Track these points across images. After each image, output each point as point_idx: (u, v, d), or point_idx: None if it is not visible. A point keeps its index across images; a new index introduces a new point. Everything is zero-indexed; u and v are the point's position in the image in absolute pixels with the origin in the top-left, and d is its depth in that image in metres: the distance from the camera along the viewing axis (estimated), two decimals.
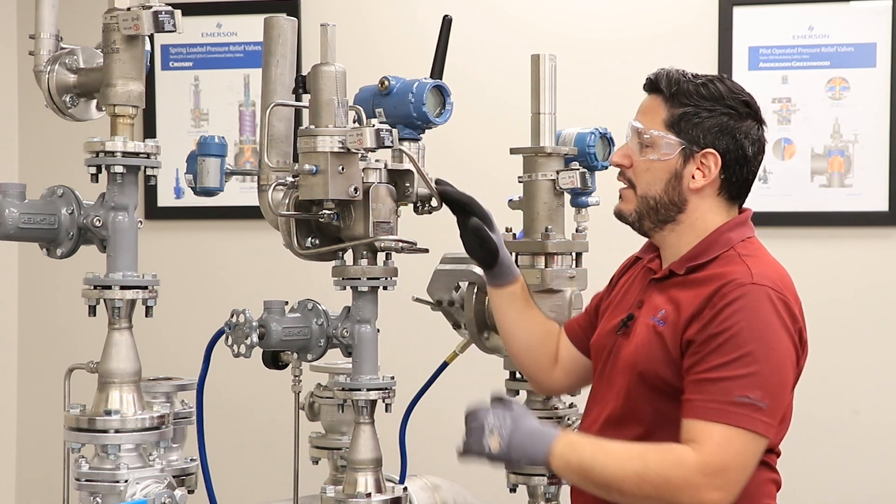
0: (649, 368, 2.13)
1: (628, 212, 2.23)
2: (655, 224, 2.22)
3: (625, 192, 2.24)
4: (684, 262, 2.19)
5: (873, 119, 3.83)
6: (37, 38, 2.18)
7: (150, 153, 2.11)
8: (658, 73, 2.23)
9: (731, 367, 2.03)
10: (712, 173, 2.17)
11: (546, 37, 3.88)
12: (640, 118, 2.21)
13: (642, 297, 2.24)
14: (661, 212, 2.20)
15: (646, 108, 2.22)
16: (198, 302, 4.14)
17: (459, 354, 2.62)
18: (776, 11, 3.89)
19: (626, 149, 2.23)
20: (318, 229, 2.23)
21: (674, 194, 2.19)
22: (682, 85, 2.19)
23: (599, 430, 2.20)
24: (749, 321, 2.05)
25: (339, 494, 2.17)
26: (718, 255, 2.16)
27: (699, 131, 2.17)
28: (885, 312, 3.88)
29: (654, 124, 2.19)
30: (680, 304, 2.13)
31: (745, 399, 2.01)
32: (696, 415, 2.03)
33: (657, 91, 2.21)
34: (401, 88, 2.25)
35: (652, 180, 2.19)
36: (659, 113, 2.19)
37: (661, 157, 2.18)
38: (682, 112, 2.17)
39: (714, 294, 2.08)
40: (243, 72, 4.20)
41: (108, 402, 2.07)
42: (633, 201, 2.22)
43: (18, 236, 2.10)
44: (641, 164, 2.20)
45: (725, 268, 2.13)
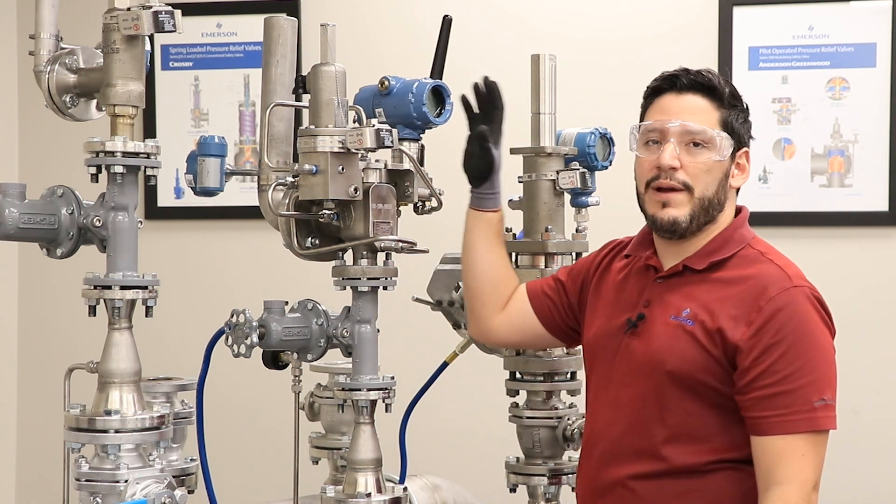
0: (681, 368, 2.12)
1: (683, 217, 2.16)
2: (700, 226, 2.18)
3: (675, 196, 2.16)
4: (703, 259, 2.18)
5: (873, 119, 3.82)
6: (37, 38, 2.18)
7: (150, 153, 2.11)
8: (705, 74, 2.22)
9: (801, 374, 2.07)
10: (747, 171, 2.22)
11: (546, 37, 3.88)
12: (693, 118, 2.17)
13: (649, 296, 2.21)
14: (710, 212, 2.18)
15: (696, 108, 2.18)
16: (198, 302, 4.14)
17: (459, 354, 2.62)
18: (776, 11, 3.89)
19: (670, 151, 2.16)
20: (318, 229, 2.23)
21: (722, 194, 2.19)
22: (727, 86, 2.21)
23: (621, 433, 2.18)
24: (802, 325, 2.09)
25: (339, 494, 2.17)
26: (736, 253, 2.18)
27: (743, 131, 2.21)
28: (886, 312, 3.88)
29: (710, 124, 2.17)
30: (710, 304, 2.13)
31: (822, 402, 2.07)
32: (778, 430, 2.07)
33: (700, 91, 2.19)
34: (401, 88, 2.25)
35: (711, 181, 2.17)
36: (711, 113, 2.18)
37: (722, 158, 2.17)
38: (732, 114, 2.19)
39: (758, 298, 2.10)
40: (243, 72, 4.20)
41: (108, 402, 2.07)
42: (687, 205, 2.16)
43: (18, 236, 2.10)
44: (701, 165, 2.16)
45: (754, 268, 2.15)
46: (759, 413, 2.08)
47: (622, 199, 3.10)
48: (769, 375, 2.07)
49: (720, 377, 2.11)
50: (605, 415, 2.23)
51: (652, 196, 2.18)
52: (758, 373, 2.07)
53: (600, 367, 2.26)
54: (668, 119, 2.16)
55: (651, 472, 2.15)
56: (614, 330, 2.24)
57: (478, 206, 2.35)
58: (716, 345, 2.10)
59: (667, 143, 2.16)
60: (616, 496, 2.19)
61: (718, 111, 2.19)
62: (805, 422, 2.06)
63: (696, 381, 2.12)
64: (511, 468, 2.62)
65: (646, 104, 2.25)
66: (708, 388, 2.12)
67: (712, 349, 2.11)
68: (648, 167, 2.18)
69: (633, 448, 2.17)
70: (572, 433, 2.57)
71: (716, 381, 2.11)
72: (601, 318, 2.28)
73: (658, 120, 2.18)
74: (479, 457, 3.48)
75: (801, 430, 2.06)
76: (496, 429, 2.94)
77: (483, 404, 3.55)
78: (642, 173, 2.20)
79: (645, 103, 2.26)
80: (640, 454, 2.16)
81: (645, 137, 2.20)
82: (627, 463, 2.17)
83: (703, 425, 2.12)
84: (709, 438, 2.13)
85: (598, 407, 2.26)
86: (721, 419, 2.13)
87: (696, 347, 2.11)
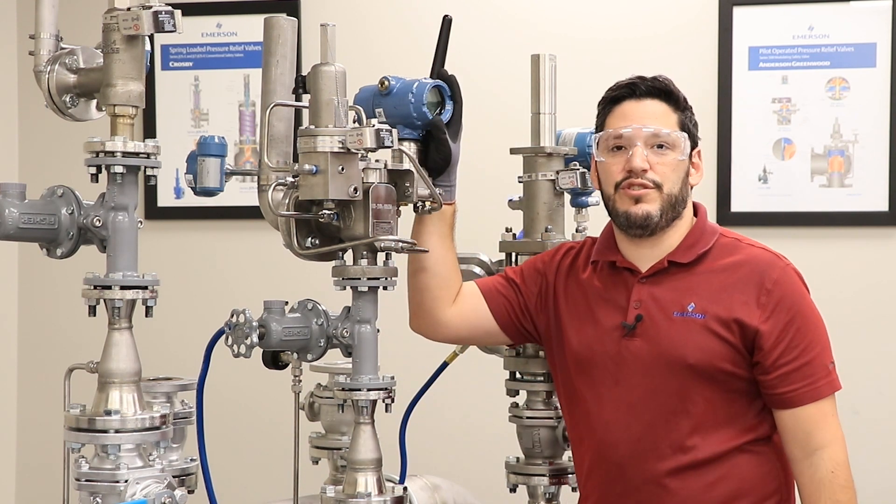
0: (703, 360, 2.24)
1: (656, 212, 2.28)
2: (668, 222, 2.30)
3: (648, 192, 2.28)
4: (686, 252, 2.30)
5: (873, 119, 3.83)
6: (37, 38, 2.17)
7: (150, 153, 2.11)
8: (661, 79, 2.34)
9: (815, 344, 2.26)
10: (701, 169, 2.36)
11: (546, 37, 3.89)
12: (655, 122, 2.30)
13: (637, 296, 2.29)
14: (676, 208, 2.31)
15: (655, 113, 2.31)
16: (198, 302, 4.14)
17: (459, 354, 2.62)
18: (776, 11, 3.89)
19: (640, 154, 2.28)
20: (318, 229, 2.23)
21: (685, 191, 2.32)
22: (678, 90, 2.34)
23: (641, 433, 2.25)
24: (802, 298, 2.29)
25: (339, 494, 2.17)
26: (714, 243, 2.31)
27: (695, 131, 2.35)
28: (886, 312, 3.88)
29: (670, 127, 2.31)
30: (715, 295, 2.26)
31: (832, 364, 2.28)
32: (809, 399, 2.25)
33: (658, 96, 2.32)
34: (401, 88, 2.25)
35: (676, 179, 2.30)
36: (670, 116, 2.32)
37: (683, 157, 2.30)
38: (686, 116, 2.35)
39: (762, 280, 2.26)
40: (243, 72, 4.20)
41: (108, 402, 2.07)
42: (657, 201, 2.28)
43: (18, 236, 2.09)
44: (669, 164, 2.29)
45: (741, 254, 2.30)
46: (788, 387, 2.25)
47: None
48: (791, 350, 2.24)
49: (738, 363, 2.25)
50: (617, 418, 2.28)
51: (623, 195, 2.30)
52: (781, 350, 2.24)
53: (596, 373, 2.31)
54: (637, 124, 2.29)
55: (680, 465, 2.25)
56: (606, 334, 2.30)
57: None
58: (733, 333, 2.24)
59: (635, 147, 2.28)
60: (645, 495, 2.26)
61: (676, 114, 2.33)
62: (827, 386, 2.26)
63: (717, 369, 2.24)
64: (511, 468, 2.62)
65: (604, 112, 2.36)
66: (727, 375, 2.25)
67: (730, 337, 2.24)
68: (617, 170, 2.31)
69: (657, 446, 2.25)
70: None
71: (734, 366, 2.25)
72: (586, 324, 2.33)
73: (627, 126, 2.29)
74: (479, 457, 3.48)
75: (826, 394, 2.26)
76: (496, 429, 2.94)
77: (483, 404, 3.55)
78: (610, 177, 2.32)
79: (603, 112, 2.37)
80: (666, 450, 2.25)
81: (610, 143, 2.32)
82: (654, 461, 2.25)
83: (724, 412, 2.26)
84: (730, 423, 2.26)
85: (603, 412, 2.30)
86: (738, 403, 2.27)
87: (712, 338, 2.24)
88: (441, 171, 2.31)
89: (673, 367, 2.24)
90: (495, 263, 2.62)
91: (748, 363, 2.26)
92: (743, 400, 2.28)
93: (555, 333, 2.39)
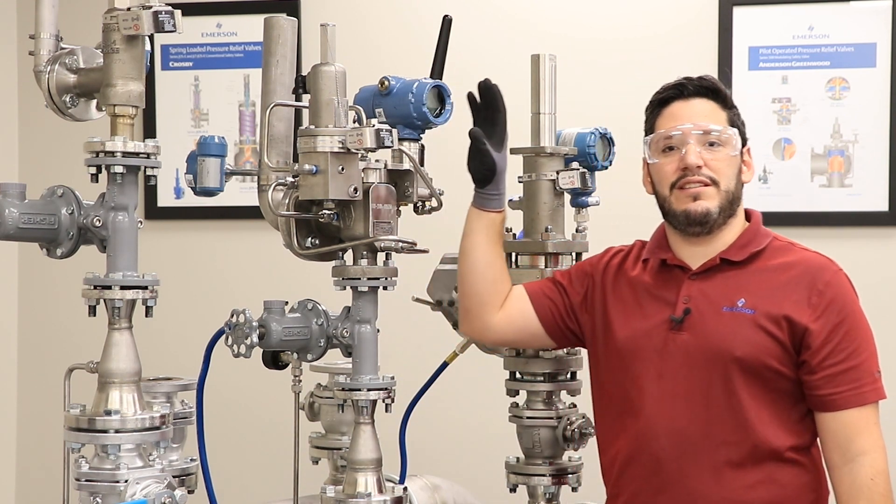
0: (750, 354, 2.24)
1: (715, 208, 2.29)
2: (726, 219, 2.32)
3: (705, 189, 2.29)
4: (740, 251, 2.31)
5: (873, 119, 3.82)
6: (37, 38, 2.18)
7: (150, 153, 2.11)
8: (707, 79, 2.35)
9: (863, 349, 2.26)
10: (752, 167, 2.39)
11: (546, 37, 3.88)
12: (706, 120, 2.30)
13: (687, 292, 2.30)
14: (733, 206, 2.33)
15: (705, 111, 2.32)
16: (198, 302, 4.14)
17: (459, 354, 2.62)
18: (776, 11, 3.88)
19: (694, 150, 2.28)
20: (318, 229, 2.23)
21: (738, 188, 2.34)
22: (724, 89, 2.36)
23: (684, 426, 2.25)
24: (853, 304, 2.29)
25: (339, 494, 2.17)
26: (768, 245, 2.33)
27: (743, 128, 2.37)
28: (886, 312, 3.88)
29: (721, 124, 2.32)
30: (767, 292, 2.26)
31: (878, 373, 2.27)
32: (853, 403, 2.23)
33: (706, 95, 2.33)
34: (401, 88, 2.25)
35: (731, 175, 2.31)
36: (719, 113, 2.34)
37: (735, 153, 2.31)
38: (735, 112, 2.35)
39: (815, 282, 2.26)
40: (243, 72, 4.20)
41: (108, 402, 2.07)
42: (716, 197, 2.30)
43: (18, 236, 2.10)
44: (723, 160, 2.30)
45: (793, 256, 2.32)
46: (834, 389, 2.23)
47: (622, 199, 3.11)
48: (839, 352, 2.24)
49: (784, 361, 2.24)
50: (660, 411, 2.28)
51: (680, 194, 2.30)
52: (828, 351, 2.23)
53: (641, 366, 2.31)
54: (687, 123, 2.30)
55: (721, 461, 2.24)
56: (654, 328, 2.30)
57: (480, 205, 2.36)
58: (782, 330, 2.24)
59: (688, 145, 2.29)
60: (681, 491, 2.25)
61: (724, 111, 2.34)
62: (873, 392, 2.25)
63: (763, 365, 2.24)
64: (511, 468, 2.62)
65: (653, 115, 2.36)
66: (772, 372, 2.25)
67: (779, 334, 2.24)
68: (672, 170, 2.31)
69: (699, 440, 2.25)
70: (572, 433, 2.57)
71: (780, 364, 2.24)
72: (634, 319, 2.34)
73: (679, 125, 2.30)
74: (479, 457, 3.48)
75: (871, 400, 2.25)
76: (496, 429, 2.94)
77: (483, 404, 3.55)
78: (664, 177, 2.32)
79: (652, 114, 2.37)
80: (708, 446, 2.24)
81: (662, 145, 2.32)
82: (695, 456, 2.25)
83: (769, 411, 2.25)
84: (774, 424, 2.25)
85: (645, 405, 2.30)
86: (782, 404, 2.27)
87: (761, 333, 2.24)
88: (488, 181, 2.32)
89: (719, 361, 2.24)
90: None
91: (794, 362, 2.25)
92: (787, 401, 2.26)
93: (600, 330, 2.39)
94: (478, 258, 2.39)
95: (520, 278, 2.53)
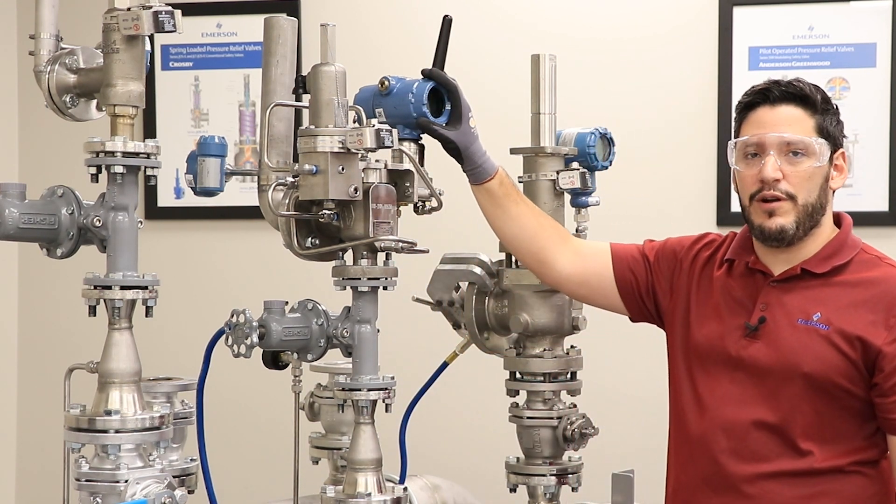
0: (818, 370, 2.19)
1: (790, 225, 2.23)
2: (806, 232, 2.25)
3: (780, 205, 2.23)
4: (822, 262, 2.25)
5: (873, 119, 3.82)
6: (37, 38, 2.17)
7: (150, 153, 2.11)
8: (795, 84, 2.27)
9: None
10: (845, 171, 2.29)
11: (546, 37, 3.88)
12: (789, 128, 2.23)
13: (765, 299, 2.26)
14: (814, 217, 2.25)
15: (791, 118, 2.24)
16: (198, 302, 4.14)
17: (459, 354, 2.62)
18: (776, 11, 3.88)
19: (772, 163, 2.22)
20: (318, 229, 2.23)
21: (823, 197, 2.26)
22: (818, 92, 2.27)
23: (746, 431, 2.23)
24: None
25: (339, 494, 2.17)
26: (853, 258, 2.25)
27: (837, 133, 2.28)
28: None
29: (807, 133, 2.24)
30: (843, 309, 2.21)
31: None
32: None
33: (793, 100, 2.25)
34: (401, 88, 2.25)
35: (812, 187, 2.24)
36: (806, 121, 2.24)
37: (822, 164, 2.24)
38: (827, 118, 2.26)
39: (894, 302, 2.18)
40: (243, 72, 4.20)
41: (108, 402, 2.07)
42: (792, 212, 2.23)
43: (18, 236, 2.10)
44: (802, 173, 2.23)
45: (878, 272, 2.24)
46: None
47: (622, 199, 3.11)
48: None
49: (855, 380, 2.20)
50: (725, 413, 2.26)
51: (757, 207, 2.25)
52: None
53: (714, 369, 2.29)
54: (771, 132, 2.23)
55: (784, 470, 2.22)
56: (728, 333, 2.28)
57: (472, 181, 2.37)
58: (855, 349, 2.19)
59: (767, 156, 2.23)
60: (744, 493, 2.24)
61: (813, 118, 2.25)
62: None
63: (832, 383, 2.20)
64: (511, 468, 2.62)
65: (739, 119, 2.32)
66: (841, 390, 2.20)
67: (851, 353, 2.19)
68: (751, 181, 2.25)
69: (763, 447, 2.23)
70: (572, 433, 2.57)
71: (850, 383, 2.20)
72: (711, 320, 2.32)
73: (759, 133, 2.24)
74: (479, 457, 3.48)
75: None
76: (496, 429, 2.94)
77: (483, 404, 3.56)
78: (745, 187, 2.27)
79: (738, 118, 2.32)
80: (771, 453, 2.22)
81: (744, 151, 2.27)
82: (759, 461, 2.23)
83: (833, 428, 2.21)
84: (838, 441, 2.21)
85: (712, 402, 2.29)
86: (849, 422, 2.23)
87: (833, 351, 2.19)
88: (461, 160, 2.31)
89: (788, 374, 2.21)
90: (495, 263, 2.62)
91: (866, 383, 2.21)
92: (855, 420, 2.23)
93: (680, 320, 2.37)
94: (500, 227, 2.39)
95: (521, 278, 2.53)
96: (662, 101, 3.88)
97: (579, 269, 2.42)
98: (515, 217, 2.38)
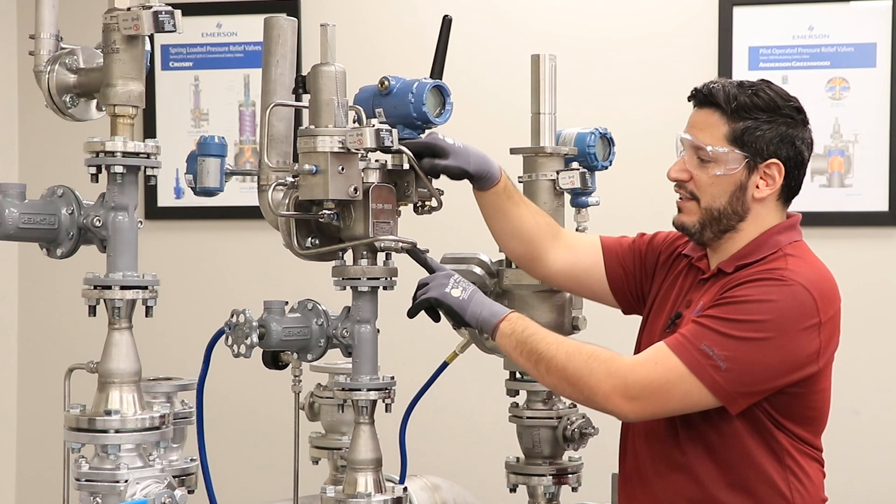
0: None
1: (691, 223, 2.25)
2: (716, 234, 2.25)
3: (685, 203, 2.26)
4: (734, 261, 2.23)
5: (873, 119, 3.83)
6: (37, 38, 2.17)
7: (150, 153, 2.11)
8: (712, 88, 2.22)
9: (717, 322, 2.11)
10: (777, 182, 2.22)
11: (546, 37, 3.88)
12: (698, 134, 2.22)
13: (691, 295, 2.28)
14: (724, 221, 2.23)
15: (701, 122, 2.23)
16: (198, 302, 4.14)
17: (459, 354, 2.62)
18: (776, 11, 3.89)
19: (682, 163, 2.24)
20: (318, 229, 2.23)
21: (737, 205, 2.22)
22: (739, 99, 2.19)
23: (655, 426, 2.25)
24: (760, 297, 2.11)
25: (339, 494, 2.17)
26: (766, 257, 2.21)
27: (762, 143, 2.20)
28: (885, 312, 3.88)
29: (714, 140, 2.20)
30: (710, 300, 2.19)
31: (709, 350, 2.09)
32: (666, 341, 2.14)
33: (711, 105, 2.22)
34: (401, 88, 2.25)
35: (717, 193, 2.22)
36: (718, 128, 2.20)
37: (727, 172, 2.20)
38: (745, 126, 2.19)
39: (727, 283, 2.18)
40: (243, 72, 4.20)
41: (108, 402, 2.07)
42: (695, 213, 2.24)
43: (18, 236, 2.10)
44: (705, 179, 2.22)
45: (767, 265, 2.18)
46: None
47: (622, 199, 3.11)
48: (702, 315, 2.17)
49: None
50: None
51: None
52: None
53: None
54: (685, 133, 2.24)
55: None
56: (659, 327, 2.30)
57: (475, 188, 2.36)
58: None
59: (680, 156, 2.26)
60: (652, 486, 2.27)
61: (728, 125, 2.20)
62: (679, 346, 2.14)
63: None
64: (511, 468, 2.62)
65: None
66: None
67: None
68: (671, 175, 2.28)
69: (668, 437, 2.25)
70: (572, 433, 2.57)
71: None
72: (661, 313, 2.34)
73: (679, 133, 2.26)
74: (479, 457, 3.48)
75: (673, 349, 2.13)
76: (496, 429, 2.94)
77: (483, 404, 3.55)
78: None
79: None
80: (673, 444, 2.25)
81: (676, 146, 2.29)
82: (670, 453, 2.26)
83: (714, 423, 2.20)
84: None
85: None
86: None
87: None
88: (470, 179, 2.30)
89: None
90: (495, 263, 2.62)
91: None
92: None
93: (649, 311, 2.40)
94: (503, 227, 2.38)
95: (522, 278, 2.53)
96: (662, 102, 3.87)
97: (570, 264, 2.44)
98: (516, 218, 2.39)
